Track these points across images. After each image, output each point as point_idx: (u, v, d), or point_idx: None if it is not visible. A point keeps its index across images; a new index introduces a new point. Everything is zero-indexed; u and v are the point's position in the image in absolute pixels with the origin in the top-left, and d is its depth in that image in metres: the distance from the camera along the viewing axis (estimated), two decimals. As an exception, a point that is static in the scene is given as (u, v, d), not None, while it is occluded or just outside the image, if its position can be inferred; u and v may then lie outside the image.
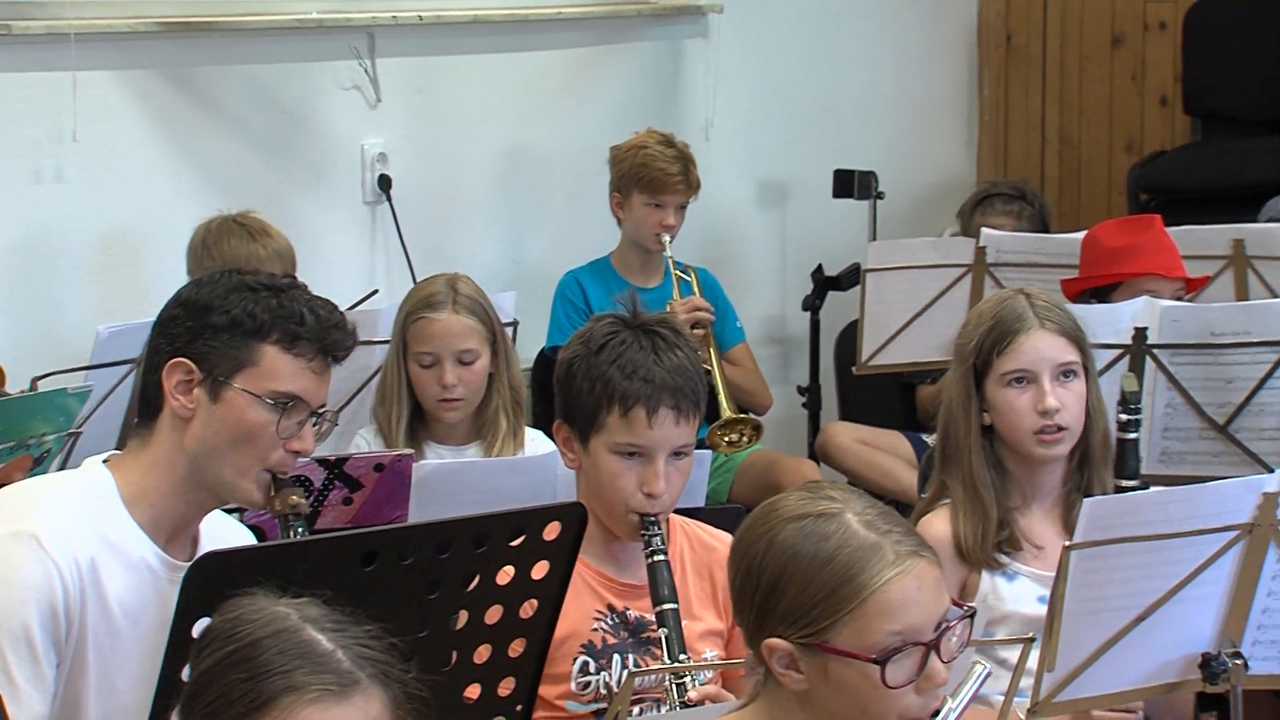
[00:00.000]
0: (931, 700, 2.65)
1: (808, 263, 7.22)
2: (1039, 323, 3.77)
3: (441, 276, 4.86)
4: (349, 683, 2.21)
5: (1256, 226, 5.94)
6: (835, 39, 7.98)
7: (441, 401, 4.71)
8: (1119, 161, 8.31)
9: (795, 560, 2.65)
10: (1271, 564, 3.23)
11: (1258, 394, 4.62)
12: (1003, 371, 3.77)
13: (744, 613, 2.73)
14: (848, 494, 2.74)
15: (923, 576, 2.64)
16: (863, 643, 2.60)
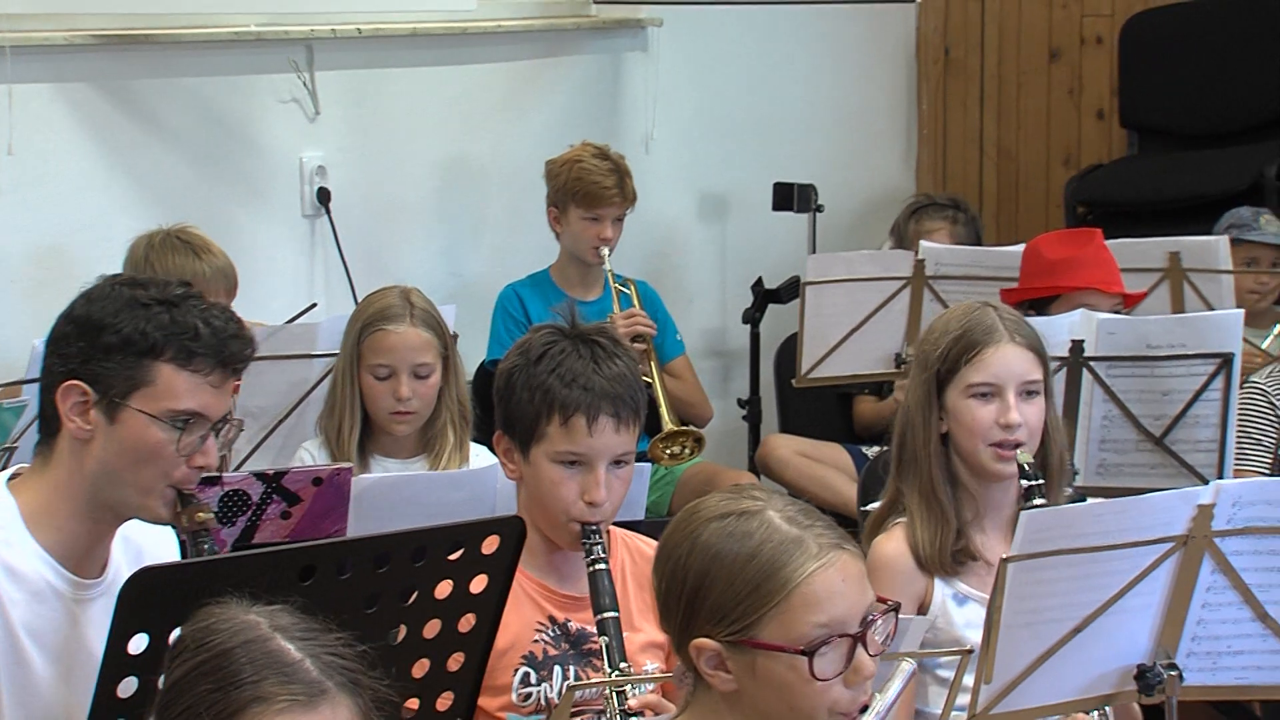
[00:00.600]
0: (860, 694, 2.66)
1: (748, 276, 7.24)
2: (1009, 337, 3.77)
3: (394, 289, 4.83)
4: (316, 692, 2.20)
5: (1193, 239, 5.95)
6: (775, 53, 7.99)
7: (394, 414, 4.69)
8: (1056, 174, 8.35)
9: (719, 559, 2.65)
10: (1206, 576, 3.24)
11: (1193, 406, 4.64)
12: (969, 382, 3.77)
13: (671, 617, 2.73)
14: (769, 493, 2.77)
15: (846, 569, 2.65)
16: (789, 636, 2.61)
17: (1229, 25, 7.96)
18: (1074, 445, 4.60)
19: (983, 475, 3.78)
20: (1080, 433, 4.65)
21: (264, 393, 4.87)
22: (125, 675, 2.72)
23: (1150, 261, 5.77)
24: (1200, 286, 5.74)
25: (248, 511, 3.64)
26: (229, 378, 3.19)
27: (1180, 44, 8.00)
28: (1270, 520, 3.24)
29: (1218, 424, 4.62)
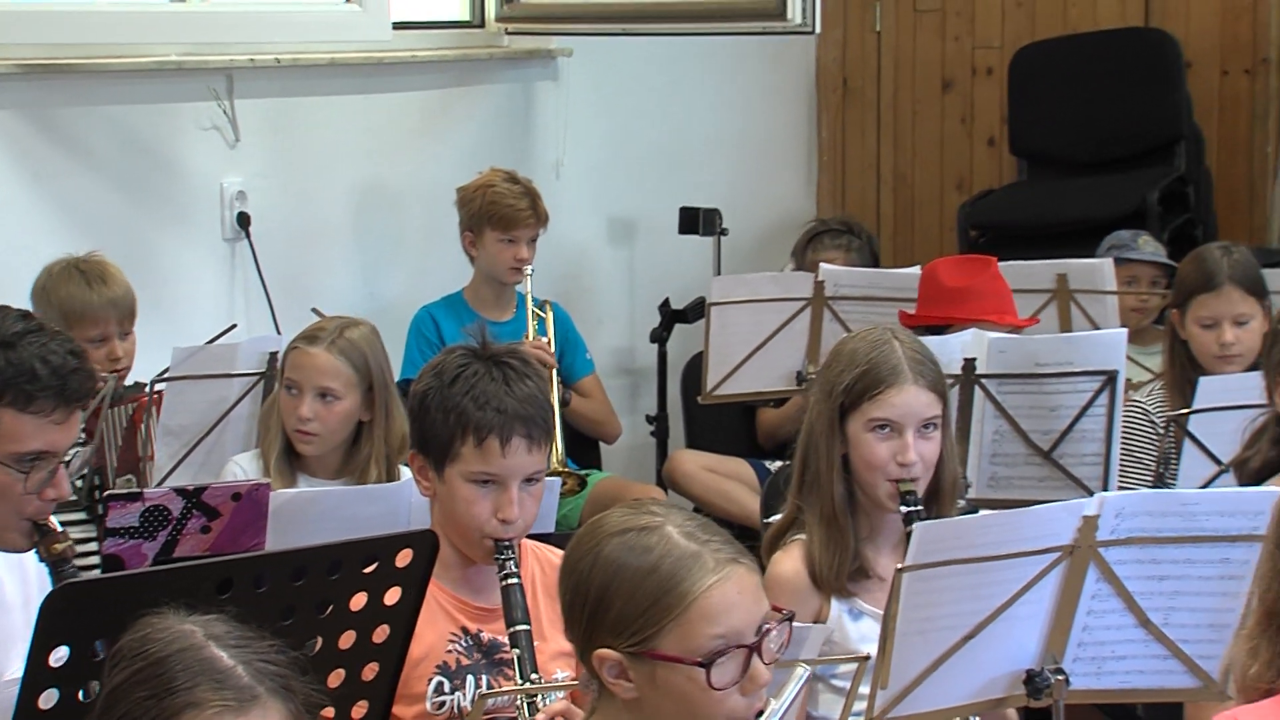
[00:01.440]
0: (755, 701, 2.68)
1: (655, 297, 7.24)
2: (912, 378, 3.77)
3: (341, 319, 4.81)
4: (248, 698, 2.20)
5: (1079, 262, 6.00)
6: (681, 82, 8.01)
7: (297, 432, 4.66)
8: (950, 199, 8.39)
9: (620, 573, 2.67)
10: (1091, 584, 3.26)
11: (1079, 421, 4.67)
12: (870, 417, 3.77)
13: (574, 627, 2.75)
14: (668, 508, 2.79)
15: (742, 582, 2.67)
16: (688, 647, 2.63)
17: (1113, 58, 8.01)
18: (966, 459, 4.63)
19: (877, 505, 3.80)
20: (973, 447, 4.67)
21: (185, 411, 4.86)
22: (46, 687, 2.69)
23: (1039, 283, 5.81)
24: (1086, 307, 5.79)
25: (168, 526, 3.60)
26: (73, 412, 3.14)
27: (1066, 75, 8.05)
28: (1151, 531, 3.27)
29: (1103, 438, 4.66)
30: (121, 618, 2.32)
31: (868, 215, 8.40)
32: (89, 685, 2.66)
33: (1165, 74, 7.89)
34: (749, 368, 5.83)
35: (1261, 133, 8.02)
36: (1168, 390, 5.19)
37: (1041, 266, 5.87)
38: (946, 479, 3.85)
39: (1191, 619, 3.30)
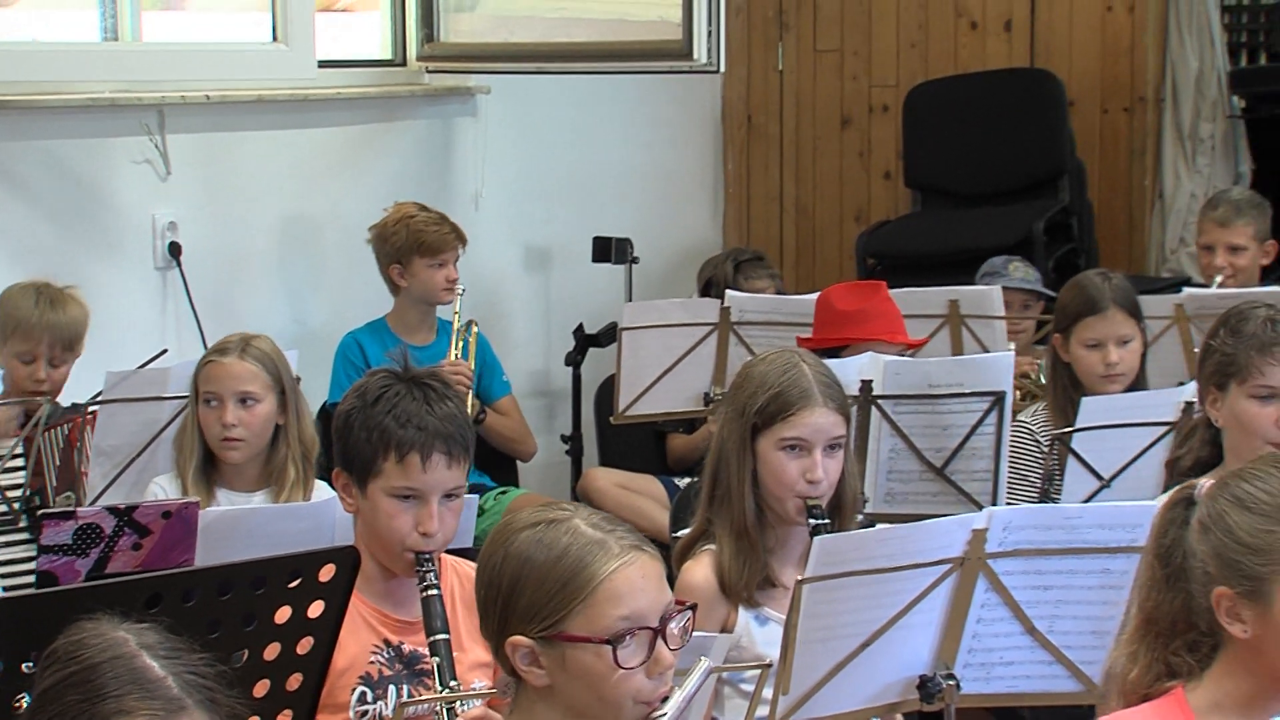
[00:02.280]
0: (661, 685, 2.68)
1: (569, 322, 7.24)
2: (821, 400, 3.77)
3: (240, 334, 4.80)
4: (175, 708, 2.18)
5: (970, 289, 6.04)
6: (594, 118, 8.02)
7: (223, 441, 4.62)
8: (849, 229, 8.43)
9: (530, 562, 2.69)
10: (980, 594, 3.27)
11: (970, 439, 4.68)
12: (781, 436, 3.76)
13: (489, 621, 2.75)
14: (576, 505, 2.81)
15: (646, 568, 2.70)
16: (595, 628, 2.65)
17: (1001, 96, 8.08)
18: (864, 475, 4.64)
19: (785, 519, 3.81)
20: (870, 464, 4.68)
21: (117, 432, 4.82)
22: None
23: (932, 308, 5.84)
24: (977, 331, 5.82)
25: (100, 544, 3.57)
26: None
27: (958, 113, 8.11)
28: (1037, 543, 3.29)
29: (992, 455, 4.67)
30: (53, 633, 2.29)
31: (771, 245, 8.44)
32: (20, 699, 2.63)
33: (1050, 112, 7.97)
34: (659, 389, 5.83)
35: (1139, 167, 8.10)
36: (1050, 410, 5.22)
37: (934, 293, 5.90)
38: (847, 495, 3.85)
39: (1074, 626, 3.32)
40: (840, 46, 8.54)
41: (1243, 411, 4.02)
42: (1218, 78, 8.03)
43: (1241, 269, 6.43)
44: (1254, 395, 4.01)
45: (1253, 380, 4.00)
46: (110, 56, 6.30)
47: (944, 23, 8.34)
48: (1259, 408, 4.00)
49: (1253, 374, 4.00)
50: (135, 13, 6.33)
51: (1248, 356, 4.01)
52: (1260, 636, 2.73)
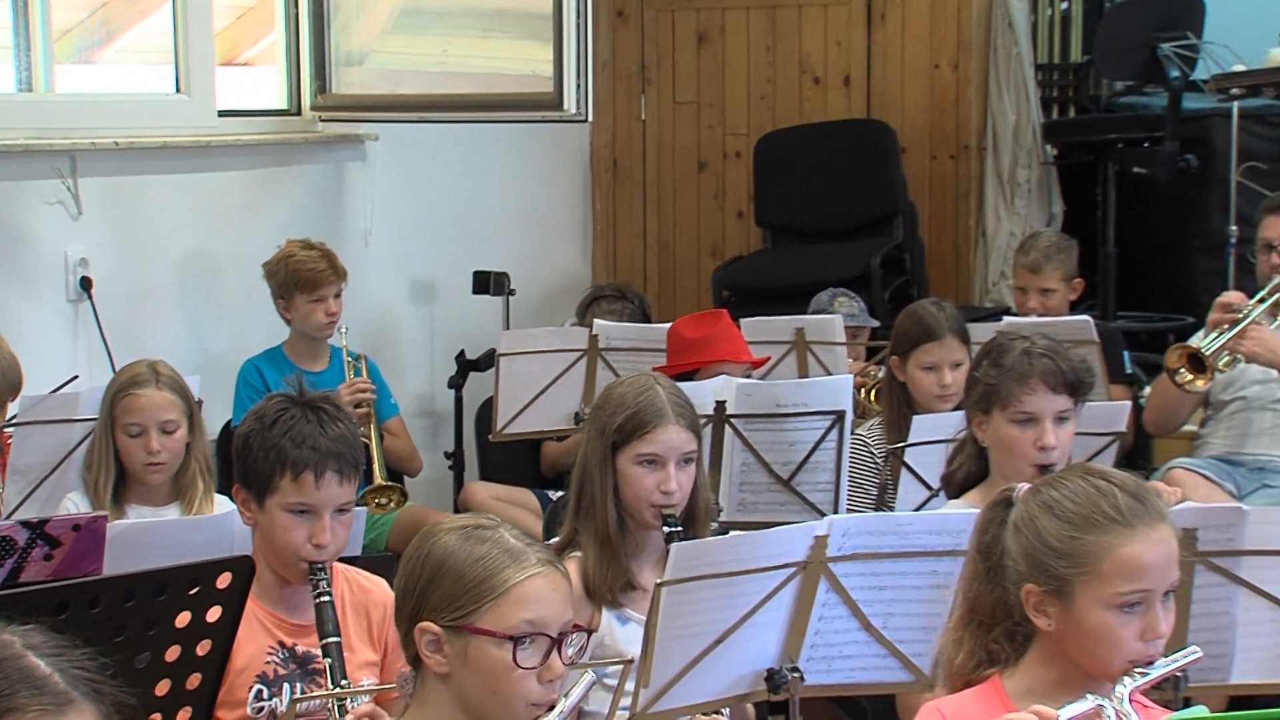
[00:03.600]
0: (550, 692, 2.69)
1: (452, 348, 7.21)
2: (674, 419, 3.78)
3: (143, 361, 4.75)
4: (64, 701, 2.13)
5: (813, 317, 6.08)
6: (473, 163, 8.00)
7: (147, 466, 4.59)
8: (705, 264, 8.46)
9: (452, 557, 2.70)
10: (822, 594, 3.28)
11: (813, 454, 4.69)
12: (638, 453, 3.77)
13: (403, 608, 2.76)
14: (504, 521, 2.82)
15: (555, 582, 2.72)
16: (501, 625, 2.66)
17: (841, 144, 8.13)
18: (719, 487, 4.65)
19: (643, 527, 3.81)
20: (724, 476, 4.68)
21: (31, 452, 4.76)
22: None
23: (780, 335, 5.86)
24: (820, 355, 5.85)
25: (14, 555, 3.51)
26: None
27: (802, 158, 8.16)
28: (872, 547, 3.30)
29: (833, 468, 4.70)
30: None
31: (636, 278, 8.45)
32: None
33: (884, 158, 8.03)
34: (533, 410, 5.81)
35: (965, 208, 8.18)
36: (885, 426, 5.25)
37: (782, 321, 5.92)
38: (700, 504, 3.86)
39: (906, 623, 3.34)
40: (697, 98, 8.57)
41: (1005, 435, 4.05)
42: (1033, 129, 8.12)
43: (1053, 309, 6.51)
44: (1014, 420, 4.04)
45: (1013, 407, 4.03)
46: (26, 106, 6.23)
47: (789, 78, 8.39)
48: (1019, 431, 4.03)
49: (1012, 401, 4.03)
50: (49, 65, 6.27)
51: (1008, 386, 4.04)
52: (1063, 631, 2.77)
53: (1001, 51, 8.07)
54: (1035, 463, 3.98)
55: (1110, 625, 2.72)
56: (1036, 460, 3.98)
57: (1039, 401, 4.02)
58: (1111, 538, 2.73)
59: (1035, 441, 4.01)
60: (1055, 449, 4.01)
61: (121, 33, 7.17)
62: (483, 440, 6.70)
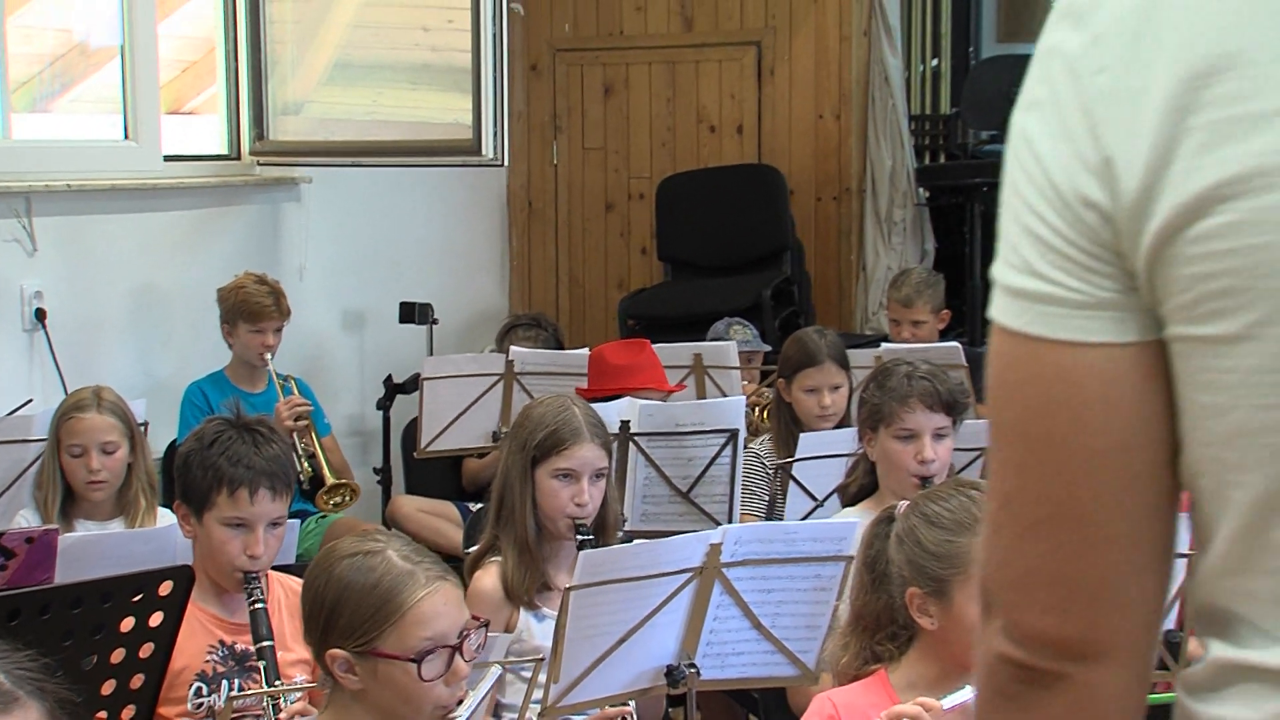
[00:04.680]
0: (457, 691, 2.68)
1: (380, 373, 7.16)
2: (589, 436, 3.78)
3: (89, 388, 4.71)
4: (9, 700, 2.09)
5: (710, 344, 6.09)
6: (400, 203, 7.97)
7: (89, 484, 4.54)
8: (613, 296, 8.46)
9: (349, 587, 2.66)
10: (716, 596, 3.27)
11: (710, 469, 4.69)
12: (556, 468, 3.76)
13: (312, 632, 2.72)
14: (389, 536, 2.82)
15: (448, 595, 2.69)
16: (403, 646, 2.63)
17: (735, 186, 8.17)
18: (624, 499, 4.64)
19: (558, 535, 3.80)
20: (628, 489, 4.67)
21: (-12, 470, 4.70)
22: None
23: (680, 360, 5.86)
24: (717, 379, 5.86)
25: (-30, 566, 3.47)
26: None
27: (700, 199, 8.19)
28: (762, 554, 3.29)
29: (728, 481, 4.70)
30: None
31: (549, 308, 8.44)
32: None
33: (774, 199, 8.07)
34: (454, 429, 5.78)
35: (847, 245, 8.23)
36: (774, 442, 5.26)
37: (682, 348, 5.93)
38: (610, 515, 3.86)
39: (792, 622, 3.33)
40: (604, 145, 8.58)
41: (890, 450, 4.07)
42: (907, 173, 8.19)
43: (923, 337, 6.56)
44: (897, 436, 4.06)
45: (896, 424, 4.05)
46: (-16, 150, 6.16)
47: (688, 126, 8.42)
48: (902, 446, 4.05)
49: (895, 420, 4.05)
50: (5, 113, 6.19)
51: (891, 406, 4.07)
52: (944, 627, 2.80)
53: (879, 103, 8.13)
54: (917, 474, 4.00)
55: (987, 619, 2.74)
56: (918, 472, 4.01)
57: (919, 419, 4.04)
58: None
59: (916, 455, 4.03)
60: (935, 462, 4.04)
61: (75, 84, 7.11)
62: (408, 457, 6.66)
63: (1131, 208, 1.22)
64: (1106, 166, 1.23)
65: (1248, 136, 1.17)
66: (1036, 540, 1.29)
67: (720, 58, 8.32)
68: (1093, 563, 1.28)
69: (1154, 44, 1.20)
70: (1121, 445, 1.26)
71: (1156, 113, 1.19)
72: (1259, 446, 1.22)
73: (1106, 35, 1.22)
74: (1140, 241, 1.22)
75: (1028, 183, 1.28)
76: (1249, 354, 1.21)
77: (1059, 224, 1.26)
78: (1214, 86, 1.18)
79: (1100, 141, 1.23)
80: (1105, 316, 1.25)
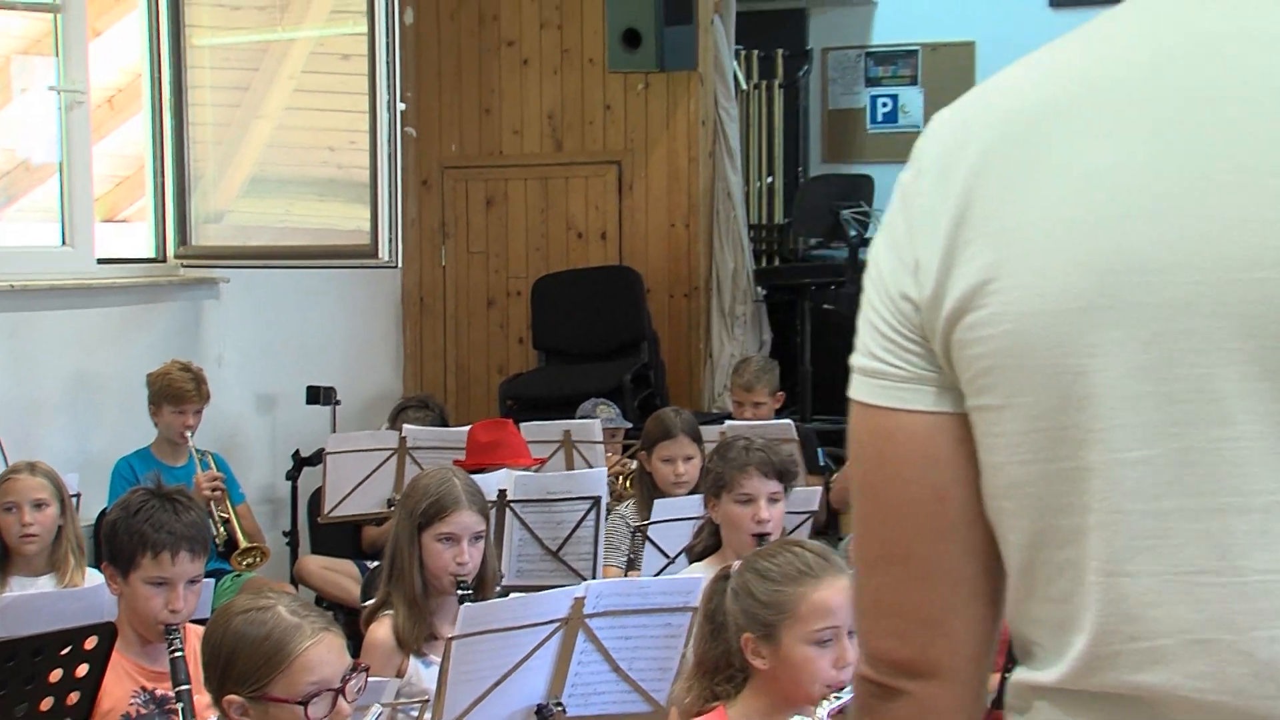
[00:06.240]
0: None
1: (289, 448, 7.07)
2: (467, 504, 3.76)
3: (25, 460, 4.70)
4: None
5: (578, 421, 6.09)
6: (307, 300, 7.89)
7: (22, 537, 4.49)
8: (494, 380, 8.42)
9: (243, 639, 2.62)
10: (580, 644, 3.25)
11: (577, 531, 4.68)
12: (439, 531, 3.74)
13: (211, 680, 2.69)
14: (279, 594, 2.76)
15: (331, 644, 2.65)
16: (291, 690, 2.59)
17: (599, 285, 8.19)
18: (502, 557, 4.61)
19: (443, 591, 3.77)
20: (505, 549, 4.65)
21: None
22: None
23: (552, 436, 5.85)
24: (584, 452, 5.86)
25: (-85, 625, 3.37)
26: None
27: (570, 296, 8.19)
28: (620, 606, 3.28)
29: (592, 542, 4.69)
30: None
31: (438, 390, 8.39)
32: None
33: (633, 296, 8.11)
34: (354, 497, 5.73)
35: (696, 335, 8.28)
36: (638, 507, 5.26)
37: (553, 425, 5.93)
38: (489, 572, 3.84)
39: (647, 665, 3.32)
40: (486, 249, 8.58)
41: (730, 513, 4.09)
42: (747, 274, 8.27)
43: (762, 416, 6.59)
44: (737, 500, 4.08)
45: (735, 490, 4.08)
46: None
47: (559, 233, 8.45)
48: (741, 509, 4.08)
49: (735, 485, 4.08)
50: (-44, 222, 6.09)
51: (731, 474, 4.09)
52: (774, 667, 2.81)
53: (722, 214, 8.22)
54: (754, 533, 4.02)
55: (810, 657, 2.77)
56: (754, 531, 4.03)
57: (755, 485, 4.07)
58: (805, 588, 2.79)
59: (753, 517, 4.05)
60: (769, 523, 4.06)
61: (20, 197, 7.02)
62: (314, 522, 6.56)
63: (930, 300, 1.32)
64: (917, 267, 1.33)
65: (992, 248, 1.29)
66: (874, 576, 1.38)
67: (586, 174, 8.37)
68: (919, 596, 1.35)
69: (949, 177, 1.32)
70: (935, 496, 1.34)
71: (946, 227, 1.31)
72: (1024, 495, 1.30)
73: (925, 170, 1.35)
74: (937, 328, 1.32)
75: (871, 286, 1.39)
76: (1010, 419, 1.29)
77: (887, 315, 1.36)
78: (975, 206, 1.31)
79: (915, 248, 1.34)
80: (921, 390, 1.34)
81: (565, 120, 8.39)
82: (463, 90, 8.54)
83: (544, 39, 8.40)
